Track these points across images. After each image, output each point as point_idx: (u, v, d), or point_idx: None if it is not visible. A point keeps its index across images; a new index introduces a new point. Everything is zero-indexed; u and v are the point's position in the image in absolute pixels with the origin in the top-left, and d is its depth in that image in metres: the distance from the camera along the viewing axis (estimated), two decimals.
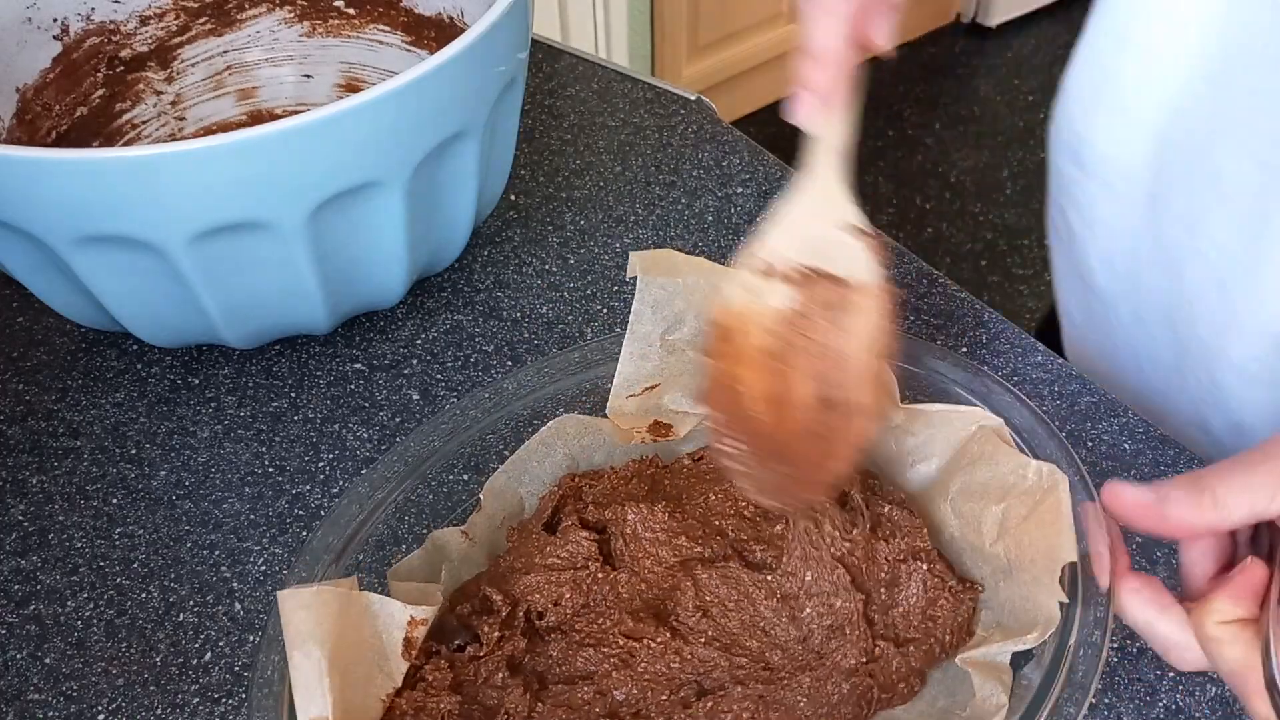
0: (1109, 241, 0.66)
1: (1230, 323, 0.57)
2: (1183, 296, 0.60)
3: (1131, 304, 0.66)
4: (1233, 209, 0.55)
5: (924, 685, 0.43)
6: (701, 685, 0.43)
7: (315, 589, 0.40)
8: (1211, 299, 0.58)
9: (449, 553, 0.48)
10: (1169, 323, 0.62)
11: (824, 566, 0.45)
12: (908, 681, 0.43)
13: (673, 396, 0.52)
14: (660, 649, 0.43)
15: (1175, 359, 0.62)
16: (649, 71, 2.02)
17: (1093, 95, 0.64)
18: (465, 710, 0.42)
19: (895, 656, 0.43)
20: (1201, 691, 0.47)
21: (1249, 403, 0.59)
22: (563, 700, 0.43)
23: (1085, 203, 0.67)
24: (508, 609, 0.45)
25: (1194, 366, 0.61)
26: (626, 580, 0.46)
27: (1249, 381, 0.58)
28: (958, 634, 0.44)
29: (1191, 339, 0.60)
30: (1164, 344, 0.63)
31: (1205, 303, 0.58)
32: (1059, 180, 0.69)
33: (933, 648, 0.43)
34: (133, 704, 0.48)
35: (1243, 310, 0.56)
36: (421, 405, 0.60)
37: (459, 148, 0.56)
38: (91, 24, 0.67)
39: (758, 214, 0.70)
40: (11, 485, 0.57)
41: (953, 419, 0.47)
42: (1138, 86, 0.61)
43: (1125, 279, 0.65)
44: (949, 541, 0.47)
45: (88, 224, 0.49)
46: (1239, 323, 0.57)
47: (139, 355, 0.63)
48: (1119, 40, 0.62)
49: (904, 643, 0.44)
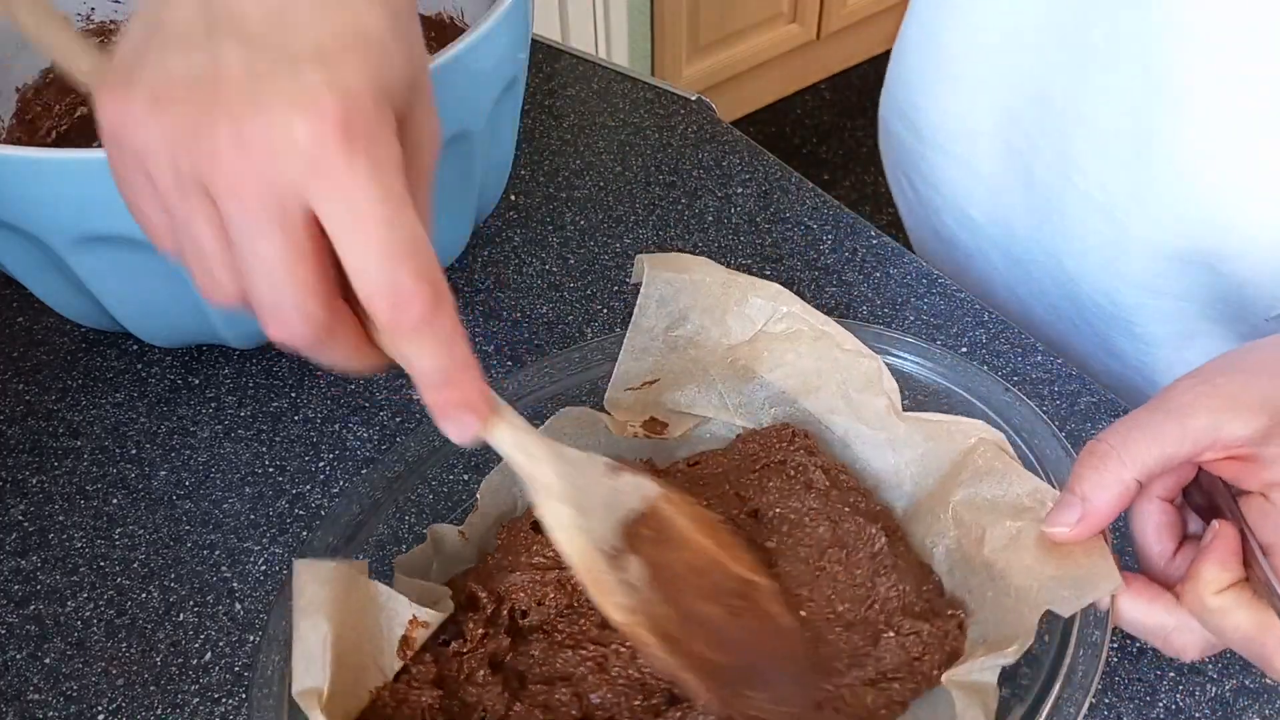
0: (961, 200, 0.69)
1: (1123, 246, 0.59)
2: (1067, 233, 0.62)
3: (1003, 249, 0.68)
4: (1109, 146, 0.58)
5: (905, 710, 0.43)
6: (672, 693, 0.43)
7: (333, 564, 0.40)
8: (1101, 228, 0.60)
9: (443, 547, 0.48)
10: (1054, 258, 0.64)
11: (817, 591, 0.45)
12: (889, 708, 0.42)
13: (671, 395, 0.52)
14: (629, 654, 0.43)
15: (1066, 291, 0.65)
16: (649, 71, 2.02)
17: (922, 66, 0.67)
18: (445, 705, 0.42)
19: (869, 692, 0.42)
20: (1201, 691, 0.47)
21: (1154, 314, 0.61)
22: (540, 700, 0.43)
23: (927, 170, 0.71)
24: (492, 606, 0.45)
25: (1090, 293, 0.63)
26: None
27: (1151, 293, 0.60)
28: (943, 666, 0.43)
29: (1083, 269, 0.63)
30: (1051, 280, 0.66)
31: (1095, 234, 0.60)
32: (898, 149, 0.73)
33: (919, 685, 0.43)
34: (133, 704, 0.48)
35: (1136, 232, 0.58)
36: (421, 405, 0.60)
37: (459, 148, 0.56)
38: (91, 24, 0.67)
39: (758, 214, 0.70)
40: (11, 485, 0.57)
41: (952, 431, 0.47)
42: (966, 54, 0.64)
43: (991, 227, 0.68)
44: (944, 554, 0.47)
45: (88, 224, 0.49)
46: (1132, 244, 0.59)
47: (139, 355, 0.63)
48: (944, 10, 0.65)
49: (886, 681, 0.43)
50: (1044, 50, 0.60)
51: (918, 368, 0.50)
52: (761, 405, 0.53)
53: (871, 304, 0.64)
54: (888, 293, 0.64)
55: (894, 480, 0.50)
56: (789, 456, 0.50)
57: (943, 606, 0.45)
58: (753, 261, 0.67)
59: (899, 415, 0.48)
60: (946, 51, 0.65)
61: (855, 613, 0.45)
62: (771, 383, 0.52)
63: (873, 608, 0.45)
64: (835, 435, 0.51)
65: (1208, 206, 0.55)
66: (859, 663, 0.43)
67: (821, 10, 2.17)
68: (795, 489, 0.48)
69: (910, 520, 0.49)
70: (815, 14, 2.17)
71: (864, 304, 0.64)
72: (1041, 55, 0.60)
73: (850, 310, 0.64)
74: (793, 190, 0.72)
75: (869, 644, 0.44)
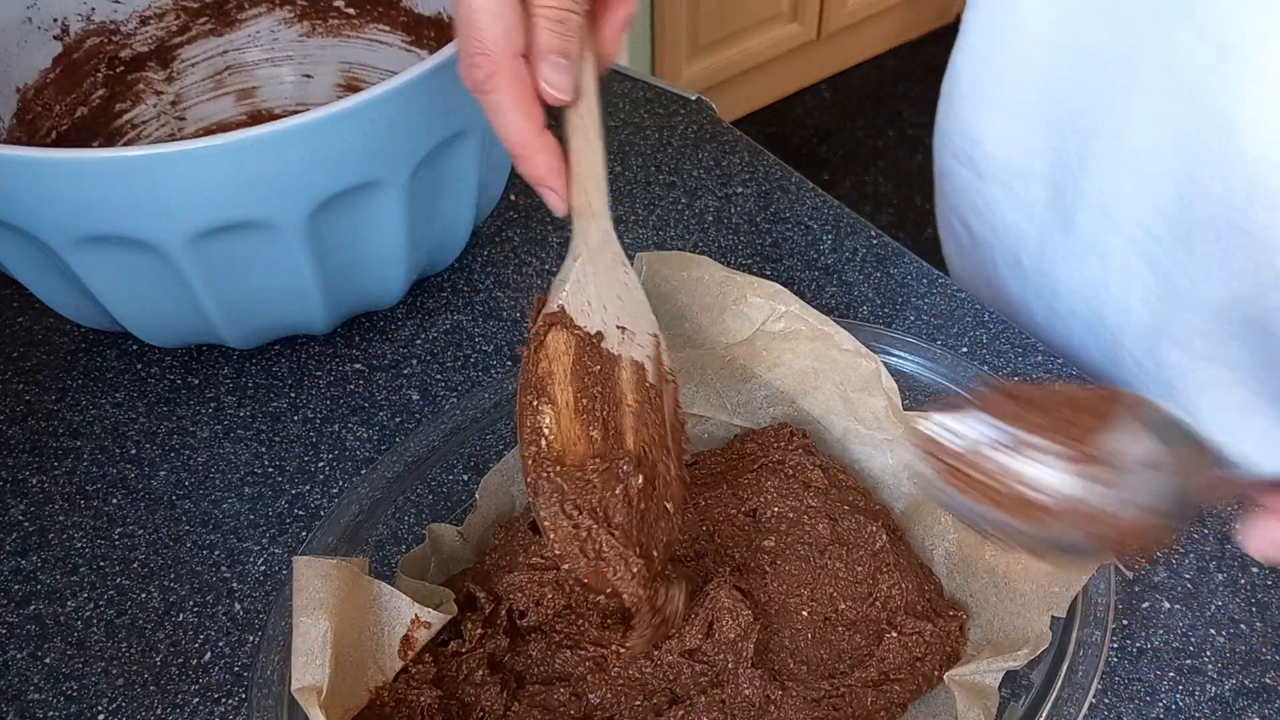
0: (1014, 241, 0.65)
1: (1168, 299, 0.55)
2: (1109, 282, 0.58)
3: (1046, 300, 0.64)
4: (1154, 185, 0.53)
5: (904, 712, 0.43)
6: (674, 692, 0.43)
7: (335, 561, 0.40)
8: (1145, 278, 0.56)
9: (440, 547, 0.48)
10: (1096, 312, 0.61)
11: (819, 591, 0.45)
12: (888, 710, 0.42)
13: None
14: (629, 654, 0.43)
15: (1106, 349, 0.61)
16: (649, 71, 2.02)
17: (977, 94, 0.63)
18: (444, 705, 0.42)
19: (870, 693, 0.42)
20: (1201, 691, 0.47)
21: (1199, 381, 0.57)
22: (539, 701, 0.43)
23: (984, 208, 0.66)
24: (491, 606, 0.45)
25: (1132, 351, 0.59)
26: None
27: (1197, 357, 0.56)
28: (944, 667, 0.43)
29: (1125, 325, 0.59)
30: (1093, 337, 0.62)
31: (1138, 284, 0.56)
32: (952, 186, 0.68)
33: (920, 686, 0.43)
34: (133, 704, 0.48)
35: (1181, 283, 0.54)
36: (421, 405, 0.60)
37: (459, 148, 0.56)
38: (91, 24, 0.67)
39: (758, 214, 0.70)
40: (11, 485, 0.57)
41: None
42: (1020, 80, 0.59)
43: (1037, 275, 0.64)
44: (944, 556, 0.47)
45: (88, 224, 0.49)
46: (1177, 297, 0.55)
47: (139, 355, 0.63)
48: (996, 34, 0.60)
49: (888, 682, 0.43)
50: (1091, 72, 0.55)
51: (918, 368, 0.50)
52: (760, 405, 0.53)
53: (871, 304, 0.64)
54: (888, 293, 0.64)
55: (892, 481, 0.50)
56: (787, 456, 0.50)
57: (944, 607, 0.45)
58: (753, 261, 0.67)
59: (898, 415, 0.48)
60: (1001, 75, 0.61)
61: (857, 610, 0.45)
62: (770, 382, 0.52)
63: (874, 605, 0.45)
64: (833, 435, 0.51)
65: (1262, 257, 0.50)
66: (861, 663, 0.43)
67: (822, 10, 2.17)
68: (794, 488, 0.48)
69: (909, 521, 0.49)
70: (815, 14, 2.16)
71: (864, 304, 0.64)
72: (1089, 78, 0.55)
73: (850, 310, 0.64)
74: (793, 190, 0.72)
75: (871, 643, 0.44)
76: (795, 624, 0.45)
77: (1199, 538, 0.52)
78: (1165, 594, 0.50)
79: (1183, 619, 0.49)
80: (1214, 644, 0.48)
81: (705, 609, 0.44)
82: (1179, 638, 0.48)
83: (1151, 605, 0.49)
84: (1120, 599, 0.49)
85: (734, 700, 0.41)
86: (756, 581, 0.46)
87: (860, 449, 0.51)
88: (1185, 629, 0.48)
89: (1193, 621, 0.49)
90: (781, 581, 0.46)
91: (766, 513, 0.48)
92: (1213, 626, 0.48)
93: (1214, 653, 0.48)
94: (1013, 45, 0.59)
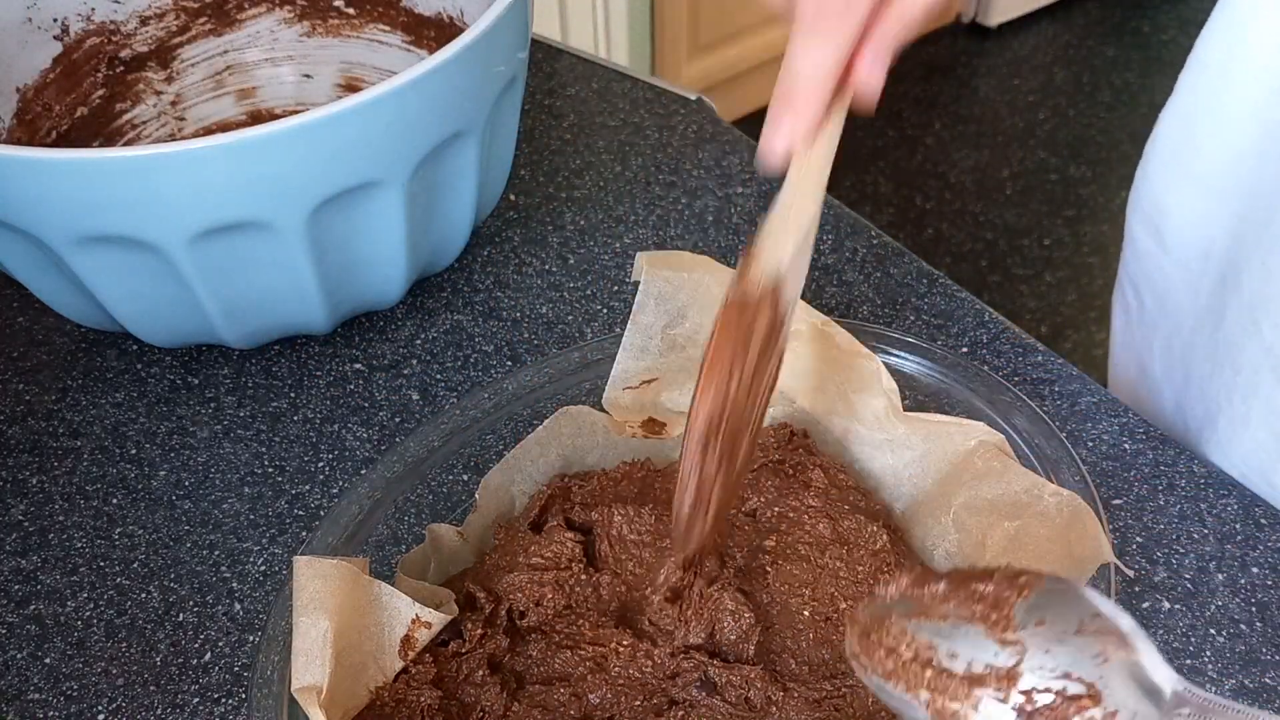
0: (1177, 321, 0.62)
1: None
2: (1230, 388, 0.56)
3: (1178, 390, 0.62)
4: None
5: None
6: (674, 693, 0.43)
7: (335, 561, 0.40)
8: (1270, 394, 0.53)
9: (440, 547, 0.48)
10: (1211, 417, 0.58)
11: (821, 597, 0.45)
12: (889, 711, 0.42)
13: (669, 395, 0.52)
14: (629, 654, 0.43)
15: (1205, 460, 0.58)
16: (649, 71, 2.02)
17: (1174, 163, 0.60)
18: (444, 705, 0.42)
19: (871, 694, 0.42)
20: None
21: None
22: (539, 701, 0.42)
23: (1160, 280, 0.63)
24: (491, 606, 0.45)
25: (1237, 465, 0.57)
26: (608, 582, 0.46)
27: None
28: None
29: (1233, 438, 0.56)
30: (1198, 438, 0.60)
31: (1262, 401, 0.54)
32: (1134, 253, 0.65)
33: None
34: (133, 704, 0.48)
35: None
36: (421, 405, 0.60)
37: (459, 148, 0.56)
38: (91, 24, 0.67)
39: (758, 214, 0.70)
40: (11, 485, 0.57)
41: (952, 432, 0.47)
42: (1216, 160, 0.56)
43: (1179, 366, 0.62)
44: (945, 557, 0.47)
45: (88, 224, 0.49)
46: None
47: (139, 355, 0.63)
48: (1205, 107, 0.57)
49: None
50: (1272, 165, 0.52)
51: (918, 368, 0.50)
52: None
53: (871, 304, 0.64)
54: (888, 293, 0.64)
55: (893, 481, 0.50)
56: (787, 456, 0.50)
57: None
58: None
59: (899, 416, 0.48)
60: (1198, 148, 0.58)
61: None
62: None
63: None
64: (833, 435, 0.51)
65: None
66: None
67: None
68: (793, 488, 0.48)
69: (909, 522, 0.49)
70: None
71: (864, 304, 0.64)
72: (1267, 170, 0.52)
73: (850, 310, 0.64)
74: None
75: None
76: (796, 624, 0.45)
77: (1199, 538, 0.52)
78: (1165, 594, 0.50)
79: (1183, 619, 0.49)
80: (1214, 644, 0.48)
81: (707, 610, 0.44)
82: (1179, 638, 0.48)
83: (1151, 605, 0.49)
84: (1120, 599, 0.49)
85: (735, 701, 0.41)
86: (757, 582, 0.46)
87: (861, 449, 0.51)
88: (1185, 629, 0.48)
89: (1193, 621, 0.49)
90: (782, 582, 0.46)
91: (767, 512, 0.48)
92: (1213, 626, 0.48)
93: (1214, 653, 0.48)
94: (1217, 110, 0.56)
